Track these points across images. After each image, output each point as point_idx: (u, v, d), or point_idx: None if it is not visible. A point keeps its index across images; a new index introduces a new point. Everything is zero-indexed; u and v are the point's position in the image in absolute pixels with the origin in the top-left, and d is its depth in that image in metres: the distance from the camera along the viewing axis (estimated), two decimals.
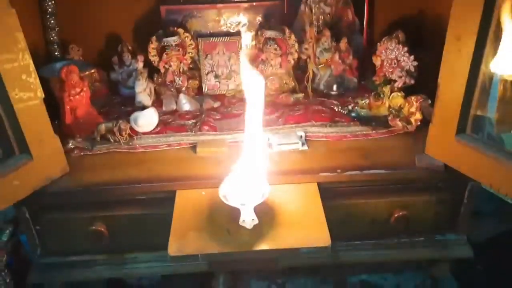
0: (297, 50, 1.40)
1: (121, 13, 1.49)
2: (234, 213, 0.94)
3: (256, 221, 0.91)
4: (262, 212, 0.96)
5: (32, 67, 0.98)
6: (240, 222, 0.91)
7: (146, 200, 1.12)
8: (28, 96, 0.98)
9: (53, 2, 1.38)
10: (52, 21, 1.39)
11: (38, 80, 0.99)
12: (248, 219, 0.91)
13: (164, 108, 1.39)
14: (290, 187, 1.09)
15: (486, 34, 0.93)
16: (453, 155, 1.05)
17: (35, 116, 1.01)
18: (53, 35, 1.41)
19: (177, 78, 1.43)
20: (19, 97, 0.96)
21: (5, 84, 0.93)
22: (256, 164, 1.01)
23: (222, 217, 0.99)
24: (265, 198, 0.96)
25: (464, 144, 1.02)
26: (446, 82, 1.01)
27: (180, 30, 1.40)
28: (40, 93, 1.00)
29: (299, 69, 1.48)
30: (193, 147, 1.21)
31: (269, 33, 1.39)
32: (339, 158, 1.15)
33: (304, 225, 0.97)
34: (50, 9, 1.38)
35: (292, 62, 1.42)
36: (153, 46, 1.39)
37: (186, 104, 1.39)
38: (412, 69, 1.25)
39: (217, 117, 1.34)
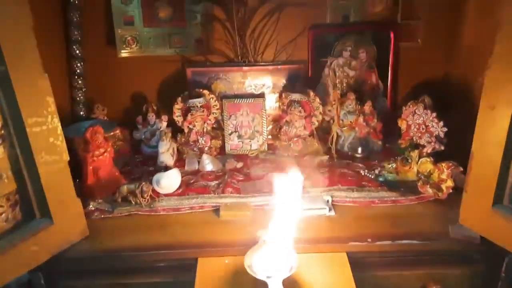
0: (321, 113, 1.39)
1: (148, 74, 1.53)
2: (260, 285, 0.89)
3: None
4: (290, 284, 0.91)
5: (60, 130, 0.97)
6: None
7: (166, 267, 1.07)
8: (53, 159, 0.97)
9: (82, 63, 1.41)
10: (79, 82, 1.42)
11: (64, 143, 0.98)
12: None
13: (186, 168, 1.38)
14: (318, 256, 1.03)
15: None
16: (489, 227, 1.00)
17: (59, 179, 0.99)
18: (80, 95, 1.43)
19: (201, 138, 1.43)
20: (45, 160, 0.95)
21: (32, 146, 0.92)
22: (284, 232, 0.96)
23: None
24: (294, 271, 0.91)
25: (501, 215, 0.97)
26: (481, 151, 0.98)
27: (206, 92, 1.41)
28: (66, 156, 0.99)
29: (323, 131, 1.47)
30: (216, 210, 1.18)
31: (294, 96, 1.39)
32: (367, 226, 1.10)
33: None
34: (78, 70, 1.41)
35: (316, 124, 1.41)
36: (178, 107, 1.40)
37: (208, 164, 1.37)
38: (442, 135, 1.22)
39: (240, 178, 1.32)
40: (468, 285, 1.10)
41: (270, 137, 1.48)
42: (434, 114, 1.23)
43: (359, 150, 1.41)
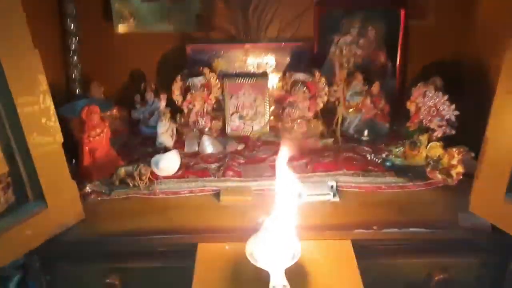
0: (327, 93, 1.34)
1: (146, 51, 1.46)
2: (262, 273, 0.86)
3: (288, 287, 0.82)
4: (293, 272, 0.87)
5: (52, 110, 0.92)
6: None
7: (165, 252, 1.04)
8: (46, 140, 0.93)
9: (76, 39, 1.35)
10: (75, 59, 1.36)
11: (58, 124, 0.94)
12: (279, 285, 0.82)
13: (186, 150, 1.34)
14: (322, 244, 1.00)
15: None
16: (502, 216, 0.96)
17: (53, 161, 0.95)
18: (75, 72, 1.37)
19: (201, 119, 1.38)
20: (37, 141, 0.91)
21: (23, 128, 0.88)
22: (286, 219, 0.92)
23: (248, 277, 0.90)
24: (296, 259, 0.87)
25: None
26: (496, 137, 0.93)
27: (206, 70, 1.36)
28: (59, 138, 0.95)
29: (328, 112, 1.41)
30: (216, 194, 1.14)
31: (298, 76, 1.33)
32: (373, 213, 1.07)
33: None
34: (73, 47, 1.35)
35: (321, 105, 1.36)
36: (177, 86, 1.35)
37: (209, 146, 1.33)
38: (453, 118, 1.17)
39: (242, 161, 1.27)
40: (475, 275, 1.07)
41: (272, 118, 1.43)
42: (446, 97, 1.17)
43: (365, 133, 1.36)
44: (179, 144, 1.36)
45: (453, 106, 1.16)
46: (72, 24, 1.35)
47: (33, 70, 0.88)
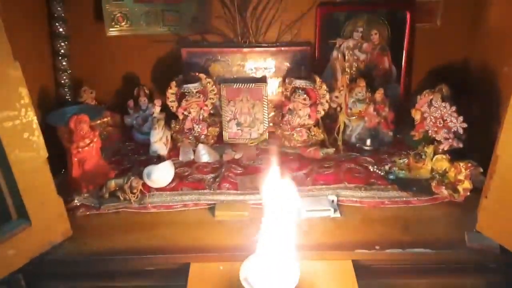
0: (328, 101, 1.28)
1: (139, 55, 1.41)
2: None
3: None
4: None
5: (35, 124, 0.88)
6: None
7: (156, 271, 1.00)
8: (29, 156, 0.88)
9: (66, 43, 1.29)
10: (64, 63, 1.30)
11: (42, 138, 0.89)
12: None
13: (180, 158, 1.28)
14: (322, 264, 0.95)
15: None
16: (511, 237, 0.91)
17: (37, 178, 0.90)
18: (65, 77, 1.32)
19: (196, 126, 1.32)
20: (19, 158, 0.86)
21: (3, 144, 0.84)
22: (284, 240, 0.87)
23: None
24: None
25: None
26: (507, 154, 0.88)
27: (202, 76, 1.30)
28: (44, 153, 0.90)
29: (329, 119, 1.35)
30: (211, 208, 1.09)
31: (299, 82, 1.27)
32: (376, 230, 1.02)
33: None
34: (62, 50, 1.29)
35: (322, 113, 1.30)
36: (172, 92, 1.29)
37: (204, 155, 1.27)
38: (461, 131, 1.11)
39: (238, 172, 1.22)
40: None
41: (271, 125, 1.37)
42: (454, 108, 1.11)
43: (368, 141, 1.30)
44: (174, 152, 1.31)
45: (461, 118, 1.11)
46: (61, 27, 1.29)
47: (14, 83, 0.83)
